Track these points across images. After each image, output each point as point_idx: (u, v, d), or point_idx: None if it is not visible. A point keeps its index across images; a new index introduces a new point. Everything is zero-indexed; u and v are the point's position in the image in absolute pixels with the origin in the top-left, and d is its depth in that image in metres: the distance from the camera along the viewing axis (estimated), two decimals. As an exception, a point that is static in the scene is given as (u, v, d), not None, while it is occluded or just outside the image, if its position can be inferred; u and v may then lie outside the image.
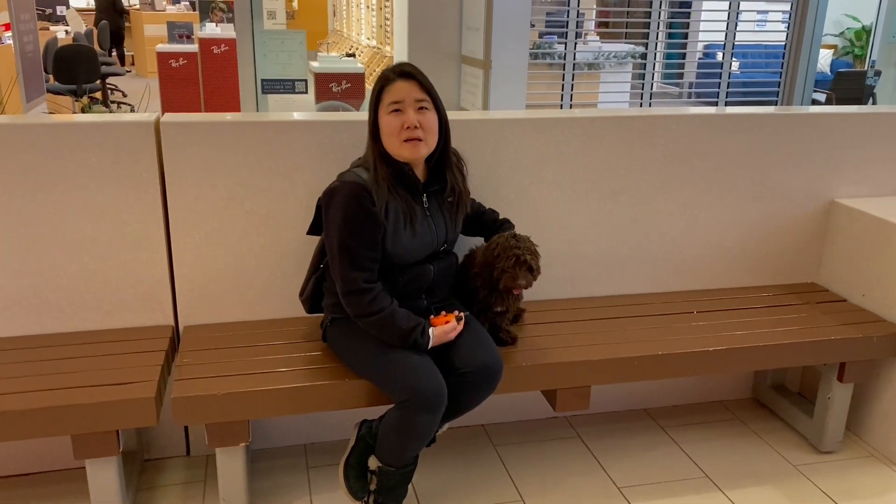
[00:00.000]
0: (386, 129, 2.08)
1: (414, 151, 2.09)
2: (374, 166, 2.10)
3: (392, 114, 2.07)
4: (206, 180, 2.37)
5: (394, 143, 2.08)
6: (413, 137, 2.07)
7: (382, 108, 2.08)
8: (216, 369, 2.19)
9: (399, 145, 2.08)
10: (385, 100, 2.07)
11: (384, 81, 2.09)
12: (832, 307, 2.78)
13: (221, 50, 7.88)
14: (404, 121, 2.06)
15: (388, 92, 2.07)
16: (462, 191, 2.26)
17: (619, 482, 2.55)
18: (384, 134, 2.09)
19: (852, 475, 2.63)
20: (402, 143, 2.07)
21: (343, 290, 2.09)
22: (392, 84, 2.07)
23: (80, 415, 2.01)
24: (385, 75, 2.10)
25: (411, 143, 2.07)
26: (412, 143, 2.07)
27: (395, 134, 2.07)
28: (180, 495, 2.44)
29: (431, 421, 2.05)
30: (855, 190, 2.95)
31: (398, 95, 2.06)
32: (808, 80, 6.91)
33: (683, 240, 2.84)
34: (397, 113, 2.06)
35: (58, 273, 2.35)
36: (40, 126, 2.26)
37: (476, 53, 5.80)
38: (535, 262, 2.21)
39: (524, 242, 2.21)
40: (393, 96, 2.06)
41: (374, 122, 2.12)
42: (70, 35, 10.59)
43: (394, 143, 2.08)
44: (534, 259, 2.21)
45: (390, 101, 2.06)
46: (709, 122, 2.75)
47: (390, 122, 2.07)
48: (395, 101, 2.06)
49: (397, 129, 2.06)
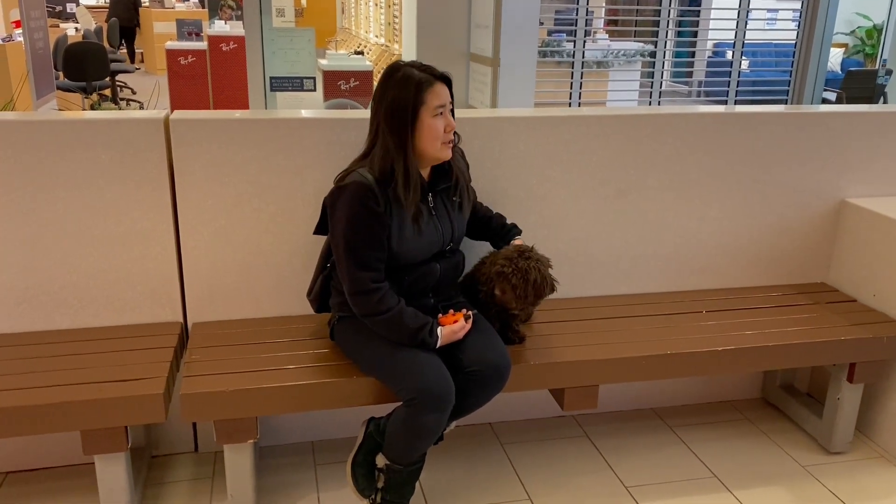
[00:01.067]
0: (430, 131, 2.07)
1: (449, 152, 2.14)
2: (405, 170, 2.06)
3: (437, 117, 2.07)
4: (214, 177, 2.38)
5: (436, 145, 2.09)
6: (450, 139, 2.12)
7: (427, 110, 2.05)
8: (225, 366, 2.20)
9: (441, 148, 2.10)
10: (430, 102, 2.04)
11: (425, 84, 2.04)
12: (842, 307, 2.76)
13: (230, 47, 7.89)
14: (447, 124, 2.09)
15: (432, 94, 2.05)
16: (467, 183, 2.27)
17: (626, 481, 2.55)
18: (426, 136, 2.07)
19: (862, 476, 2.61)
20: (444, 146, 2.10)
21: (350, 291, 2.09)
22: (433, 87, 2.05)
23: (89, 411, 2.02)
24: (421, 78, 2.04)
25: (448, 145, 2.12)
26: (448, 145, 2.12)
27: (440, 137, 2.08)
28: (188, 491, 2.45)
29: (439, 419, 2.05)
30: (865, 189, 2.94)
31: (442, 99, 2.07)
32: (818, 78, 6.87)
33: (692, 239, 2.84)
34: (440, 116, 2.08)
35: (67, 270, 2.36)
36: (50, 123, 2.27)
37: (485, 51, 5.79)
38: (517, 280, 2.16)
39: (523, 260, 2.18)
40: (438, 99, 2.06)
41: (411, 125, 2.05)
42: (80, 32, 10.63)
43: (436, 146, 2.09)
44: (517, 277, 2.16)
45: (437, 104, 2.06)
46: (718, 121, 2.74)
47: (435, 125, 2.07)
48: (441, 105, 2.07)
49: (441, 132, 2.08)
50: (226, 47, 7.89)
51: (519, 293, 2.17)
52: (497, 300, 2.23)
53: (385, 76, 2.08)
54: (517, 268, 2.17)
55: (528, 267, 2.17)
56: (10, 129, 2.23)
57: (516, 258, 2.19)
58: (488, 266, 2.26)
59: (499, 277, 2.19)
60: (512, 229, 2.41)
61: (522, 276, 2.16)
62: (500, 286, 2.19)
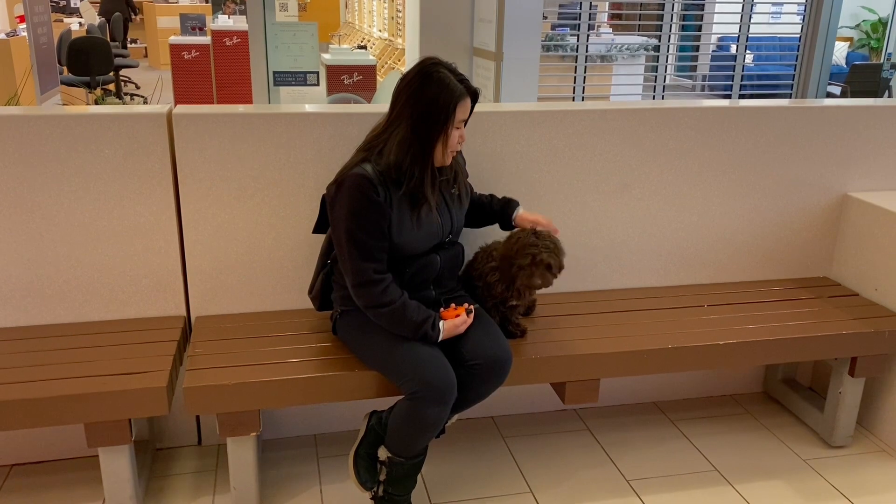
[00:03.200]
0: (452, 143, 2.11)
1: (451, 160, 2.18)
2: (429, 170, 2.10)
3: (457, 129, 2.11)
4: (217, 172, 2.39)
5: (447, 154, 2.13)
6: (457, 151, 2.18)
7: (452, 122, 2.08)
8: (228, 360, 2.21)
9: (449, 156, 2.14)
10: (458, 116, 2.08)
11: (458, 97, 2.06)
12: (844, 301, 2.76)
13: (234, 42, 7.89)
14: (461, 136, 2.14)
15: (461, 109, 2.08)
16: (463, 184, 2.28)
17: (628, 475, 2.56)
18: (441, 145, 2.10)
19: (863, 470, 2.62)
20: (450, 154, 2.14)
21: (353, 282, 2.09)
22: (464, 101, 2.08)
23: (93, 404, 2.03)
24: (455, 90, 2.05)
25: (453, 154, 2.17)
26: (454, 154, 2.17)
27: (452, 148, 2.13)
28: (192, 484, 2.46)
29: (441, 413, 2.05)
30: (868, 183, 2.93)
31: (466, 113, 2.12)
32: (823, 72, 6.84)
33: (694, 233, 2.84)
34: (458, 129, 2.12)
35: (71, 264, 2.37)
36: (54, 117, 2.28)
37: (488, 45, 5.78)
38: (554, 261, 2.20)
39: (543, 240, 2.20)
40: (463, 114, 2.11)
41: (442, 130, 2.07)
42: (84, 27, 10.64)
43: (447, 155, 2.13)
44: (552, 257, 2.20)
45: (462, 118, 2.10)
46: (721, 115, 2.74)
47: (453, 137, 2.11)
48: (463, 119, 2.12)
49: (455, 144, 2.13)
50: (229, 42, 7.89)
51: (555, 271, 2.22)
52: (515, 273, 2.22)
53: (424, 74, 2.05)
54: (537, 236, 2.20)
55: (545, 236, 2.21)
56: (15, 123, 2.24)
57: (529, 233, 2.22)
58: (504, 243, 2.27)
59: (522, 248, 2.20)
60: (511, 201, 2.39)
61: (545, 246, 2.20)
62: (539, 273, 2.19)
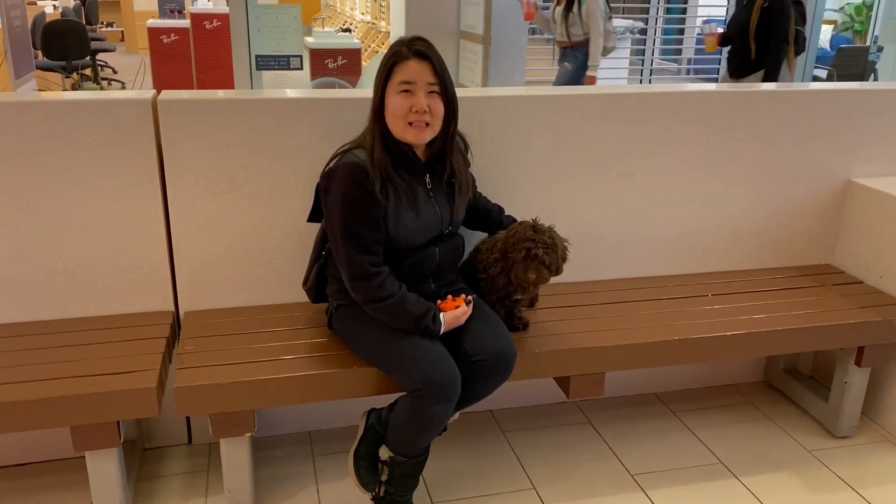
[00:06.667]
0: (393, 109, 1.97)
1: (418, 136, 2.00)
2: (372, 148, 1.99)
3: (401, 94, 1.96)
4: (206, 160, 2.28)
5: (399, 124, 1.98)
6: (420, 121, 1.98)
7: (391, 86, 1.97)
8: (219, 357, 2.12)
9: (404, 128, 1.99)
10: (395, 78, 1.95)
11: (396, 57, 1.97)
12: (848, 289, 2.71)
13: (214, 25, 7.74)
14: (413, 104, 1.96)
15: (400, 70, 1.96)
16: (463, 175, 2.17)
17: (632, 469, 2.50)
18: (389, 114, 1.98)
19: (869, 460, 2.58)
20: (407, 126, 1.98)
21: (349, 276, 2.00)
22: (405, 62, 1.95)
23: (79, 406, 1.93)
24: (397, 50, 1.97)
25: (417, 127, 1.98)
26: (418, 128, 1.99)
27: (402, 116, 1.97)
28: (183, 485, 2.37)
29: (445, 410, 1.98)
30: (872, 169, 2.88)
31: (410, 76, 1.96)
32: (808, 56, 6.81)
33: (697, 221, 2.77)
34: (407, 94, 1.96)
35: (53, 258, 2.26)
36: (32, 104, 2.16)
37: (475, 28, 5.69)
38: (549, 257, 2.09)
39: (541, 234, 2.11)
40: (404, 76, 1.95)
41: (380, 100, 2.00)
42: (58, 10, 10.39)
43: (399, 125, 1.99)
44: (548, 253, 2.09)
45: (401, 80, 1.95)
46: (724, 100, 2.67)
47: (398, 103, 1.96)
48: (407, 82, 1.96)
49: (405, 110, 1.96)
50: (209, 25, 7.74)
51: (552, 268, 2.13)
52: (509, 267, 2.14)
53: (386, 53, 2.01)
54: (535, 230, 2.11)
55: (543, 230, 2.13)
56: (-10, 110, 2.12)
57: (528, 226, 2.13)
58: (503, 237, 2.19)
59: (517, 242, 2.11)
60: (511, 221, 2.32)
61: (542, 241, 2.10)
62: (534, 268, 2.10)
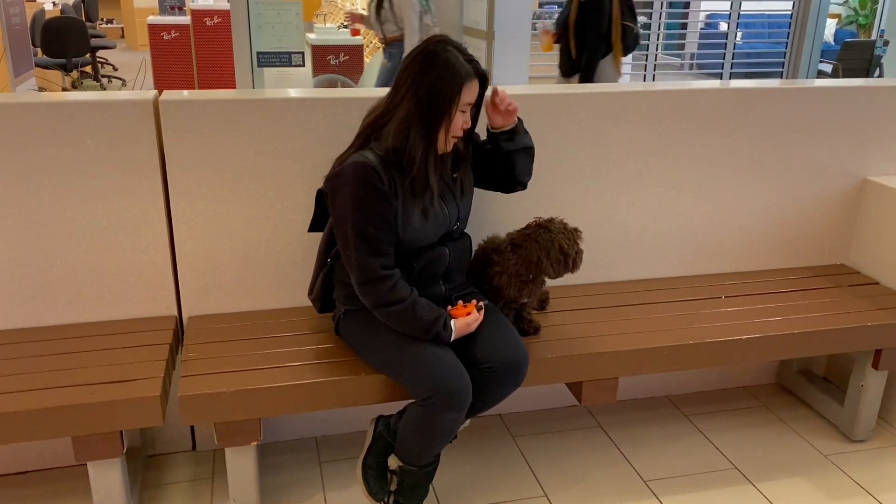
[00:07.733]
0: (455, 128, 1.97)
1: (451, 147, 2.03)
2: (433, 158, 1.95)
3: (462, 113, 1.96)
4: (208, 162, 2.23)
5: (449, 139, 1.98)
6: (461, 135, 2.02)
7: (457, 105, 1.93)
8: (224, 364, 2.07)
9: (450, 141, 1.99)
10: (464, 98, 1.94)
11: (464, 79, 1.91)
12: (864, 290, 2.66)
13: (215, 22, 7.67)
14: (465, 121, 1.99)
15: (468, 91, 1.94)
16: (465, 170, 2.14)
17: (644, 475, 2.45)
18: (448, 131, 1.96)
19: (886, 465, 2.53)
20: (452, 140, 2.00)
21: (360, 280, 1.95)
22: (471, 83, 1.94)
23: (81, 415, 1.88)
24: (462, 70, 1.91)
25: (455, 141, 2.02)
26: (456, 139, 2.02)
27: (455, 133, 1.98)
28: (188, 493, 2.33)
29: (456, 419, 1.93)
30: (889, 167, 2.82)
31: (472, 97, 1.97)
32: (814, 50, 6.74)
33: (710, 221, 2.72)
34: (463, 113, 1.98)
35: (53, 262, 2.21)
36: (32, 105, 2.10)
37: (479, 24, 5.63)
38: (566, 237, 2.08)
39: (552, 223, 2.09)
40: (470, 97, 1.96)
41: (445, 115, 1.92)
42: (58, 7, 10.33)
43: (449, 141, 1.99)
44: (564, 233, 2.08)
45: (468, 101, 1.96)
46: (736, 98, 2.61)
47: (457, 122, 1.96)
48: (470, 103, 1.98)
49: (458, 129, 1.98)
50: (210, 21, 7.67)
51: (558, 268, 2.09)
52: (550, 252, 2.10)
53: (429, 53, 1.92)
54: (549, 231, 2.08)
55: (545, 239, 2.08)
56: (-13, 112, 2.07)
57: (543, 231, 2.09)
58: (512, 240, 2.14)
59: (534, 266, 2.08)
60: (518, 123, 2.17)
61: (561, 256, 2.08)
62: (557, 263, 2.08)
